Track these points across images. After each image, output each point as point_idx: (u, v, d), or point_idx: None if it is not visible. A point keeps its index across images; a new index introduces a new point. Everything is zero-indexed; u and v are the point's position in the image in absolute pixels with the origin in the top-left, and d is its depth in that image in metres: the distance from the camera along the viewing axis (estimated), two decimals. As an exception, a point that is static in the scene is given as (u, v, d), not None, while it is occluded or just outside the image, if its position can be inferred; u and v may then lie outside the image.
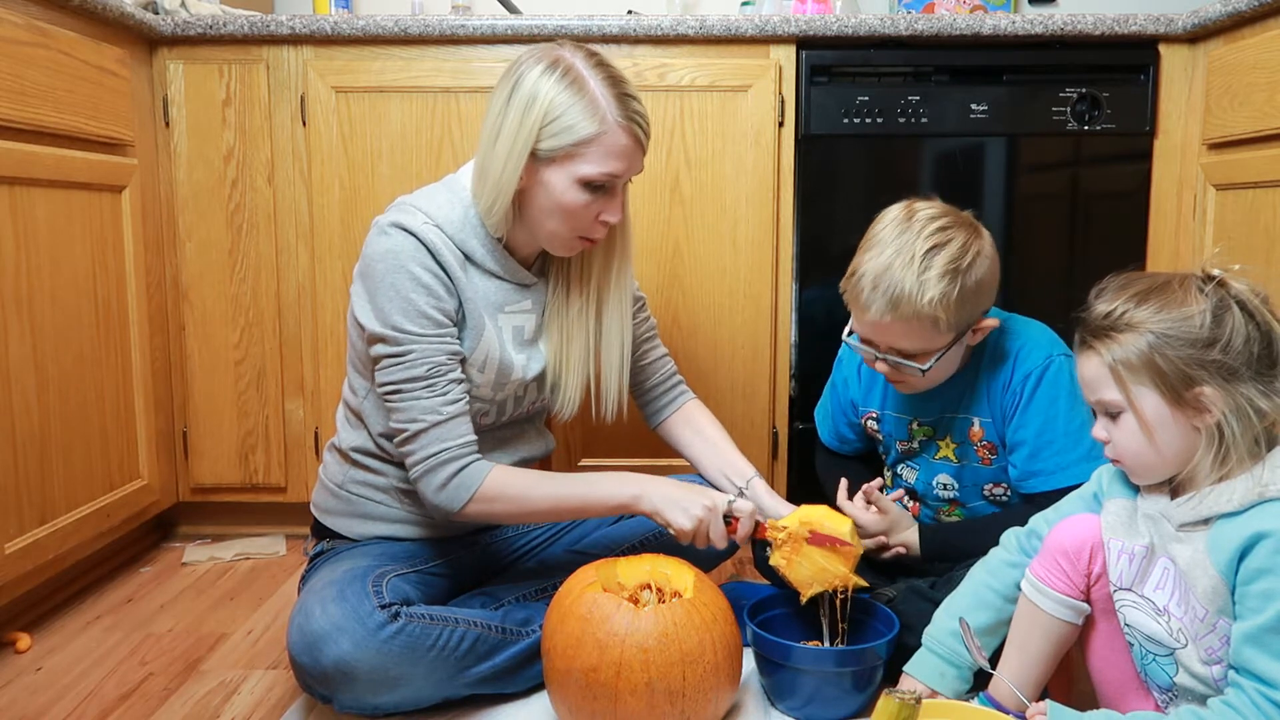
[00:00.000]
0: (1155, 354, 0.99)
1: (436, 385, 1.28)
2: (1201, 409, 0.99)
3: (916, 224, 1.29)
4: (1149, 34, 1.86)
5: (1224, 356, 0.97)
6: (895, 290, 1.26)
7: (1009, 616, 1.16)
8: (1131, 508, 1.09)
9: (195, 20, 1.87)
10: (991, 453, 1.40)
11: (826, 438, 1.63)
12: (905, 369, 1.33)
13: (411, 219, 1.29)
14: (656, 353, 1.55)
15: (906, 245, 1.27)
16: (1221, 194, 1.74)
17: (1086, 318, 1.06)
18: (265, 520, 2.07)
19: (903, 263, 1.26)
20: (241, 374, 1.96)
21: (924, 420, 1.44)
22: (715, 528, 1.29)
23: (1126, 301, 1.03)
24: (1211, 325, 0.98)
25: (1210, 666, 1.00)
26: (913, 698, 1.01)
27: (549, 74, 1.26)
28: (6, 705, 1.34)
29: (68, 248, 1.62)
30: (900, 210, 1.33)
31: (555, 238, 1.34)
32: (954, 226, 1.29)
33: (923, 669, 1.21)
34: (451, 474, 1.27)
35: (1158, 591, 1.04)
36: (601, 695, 1.14)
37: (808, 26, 1.86)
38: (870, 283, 1.28)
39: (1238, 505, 0.97)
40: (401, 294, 1.27)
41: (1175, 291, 1.01)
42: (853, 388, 1.54)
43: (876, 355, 1.34)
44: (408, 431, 1.28)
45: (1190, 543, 1.01)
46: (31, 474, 1.53)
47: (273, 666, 1.46)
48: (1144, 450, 1.03)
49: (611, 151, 1.27)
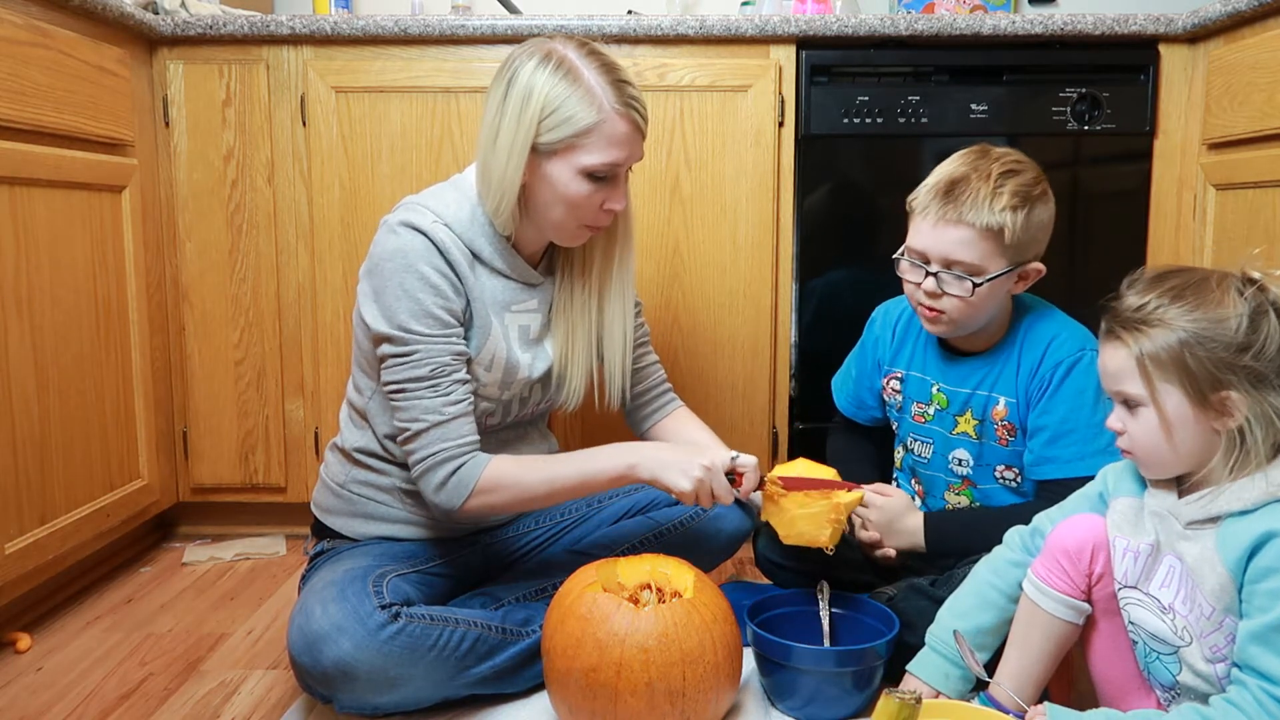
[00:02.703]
0: (1186, 353, 0.97)
1: (440, 385, 1.27)
2: (1225, 412, 0.98)
3: (994, 153, 1.35)
4: (1149, 34, 1.86)
5: (1255, 363, 0.96)
6: (969, 195, 1.30)
7: (1012, 615, 1.16)
8: (1138, 505, 1.09)
9: (195, 20, 1.87)
10: (1010, 434, 1.40)
11: (844, 405, 1.62)
12: (953, 286, 1.32)
13: (421, 218, 1.29)
14: (648, 359, 1.55)
15: (984, 166, 1.32)
16: (1221, 194, 1.74)
17: (1117, 307, 1.04)
18: (265, 520, 2.07)
19: (979, 176, 1.31)
20: (241, 374, 1.96)
21: (945, 387, 1.44)
22: (718, 484, 1.27)
23: (1161, 296, 1.00)
24: (1248, 330, 0.96)
25: (1214, 665, 1.00)
26: (913, 698, 1.01)
27: (543, 67, 1.26)
28: (6, 705, 1.34)
29: (68, 248, 1.62)
30: (976, 146, 1.39)
31: (562, 229, 1.34)
32: (1028, 163, 1.36)
33: (926, 669, 1.21)
34: (450, 472, 1.27)
35: (1163, 589, 1.04)
36: (601, 695, 1.14)
37: (808, 26, 1.86)
38: (945, 186, 1.32)
39: (1249, 504, 0.97)
40: (409, 294, 1.27)
41: (1213, 291, 0.99)
42: (882, 346, 1.54)
43: (927, 270, 1.34)
44: (410, 430, 1.28)
45: (1198, 540, 1.00)
46: (31, 474, 1.53)
47: (273, 666, 1.46)
48: (1159, 446, 1.02)
49: (612, 139, 1.28)
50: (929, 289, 1.34)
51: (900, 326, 1.53)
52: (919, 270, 1.36)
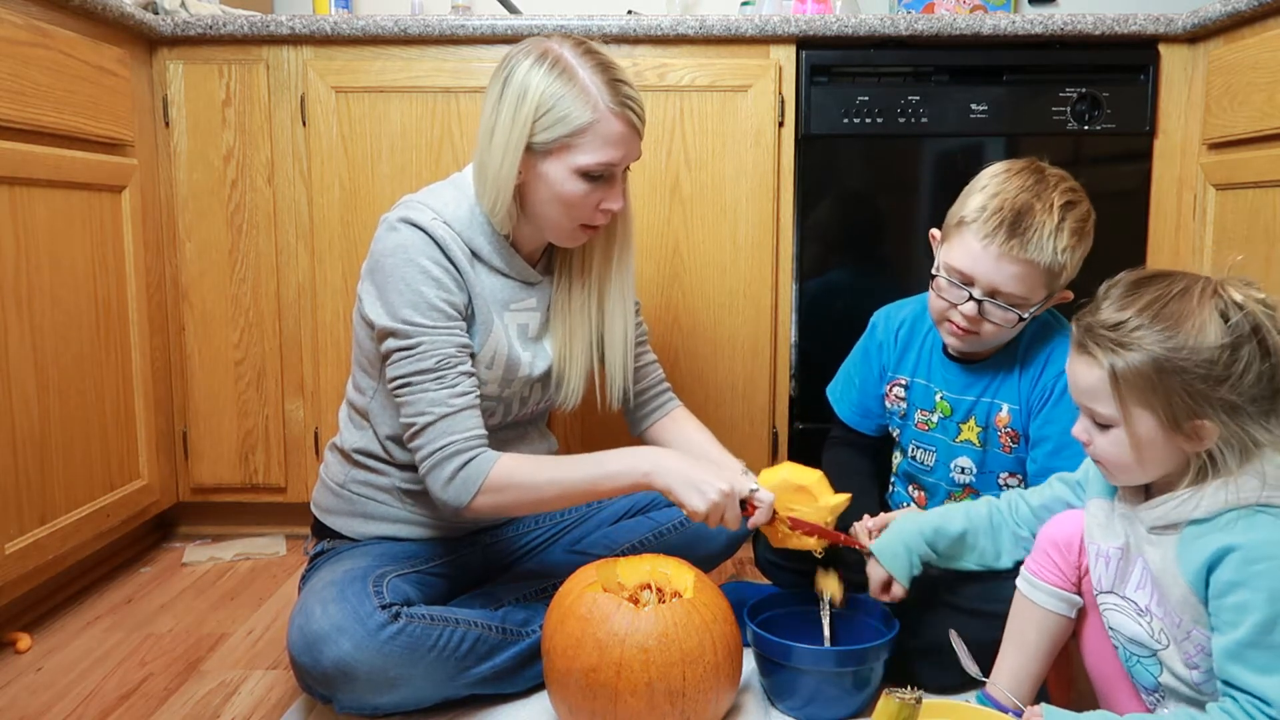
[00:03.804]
0: (1161, 379, 0.94)
1: (446, 378, 1.26)
2: (1197, 438, 0.96)
3: (1051, 179, 1.31)
4: (1149, 34, 1.86)
5: (1232, 394, 0.93)
6: (1034, 231, 1.26)
7: (975, 542, 1.26)
8: (1109, 507, 1.08)
9: (195, 20, 1.87)
10: (1014, 441, 1.40)
11: (848, 414, 1.59)
12: (995, 314, 1.31)
13: (420, 215, 1.29)
14: (646, 358, 1.54)
15: (1045, 194, 1.29)
16: (1221, 194, 1.74)
17: (1092, 321, 0.99)
18: (265, 520, 2.07)
19: (1043, 207, 1.27)
20: (241, 374, 1.96)
21: (949, 395, 1.44)
22: (731, 512, 1.25)
23: (1140, 314, 0.96)
24: (1227, 361, 0.92)
25: (1191, 670, 1.00)
26: (913, 698, 1.01)
27: (538, 66, 1.26)
28: (6, 705, 1.34)
29: (68, 248, 1.62)
30: (1025, 163, 1.34)
31: (559, 229, 1.34)
32: (1082, 193, 1.33)
33: (882, 547, 1.29)
34: (459, 466, 1.24)
35: (1139, 591, 1.03)
36: (601, 695, 1.14)
37: (808, 26, 1.86)
38: (1010, 216, 1.27)
39: (1205, 513, 0.95)
40: (411, 287, 1.26)
41: (1193, 313, 0.94)
42: (886, 352, 1.53)
43: (971, 295, 1.31)
44: (416, 425, 1.26)
45: (1161, 546, 1.00)
46: (31, 474, 1.53)
47: (273, 666, 1.46)
48: (1126, 463, 1.00)
49: (607, 139, 1.27)
50: (969, 313, 1.32)
51: (903, 332, 1.51)
52: (960, 292, 1.32)
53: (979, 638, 1.22)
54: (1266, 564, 0.91)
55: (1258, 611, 0.91)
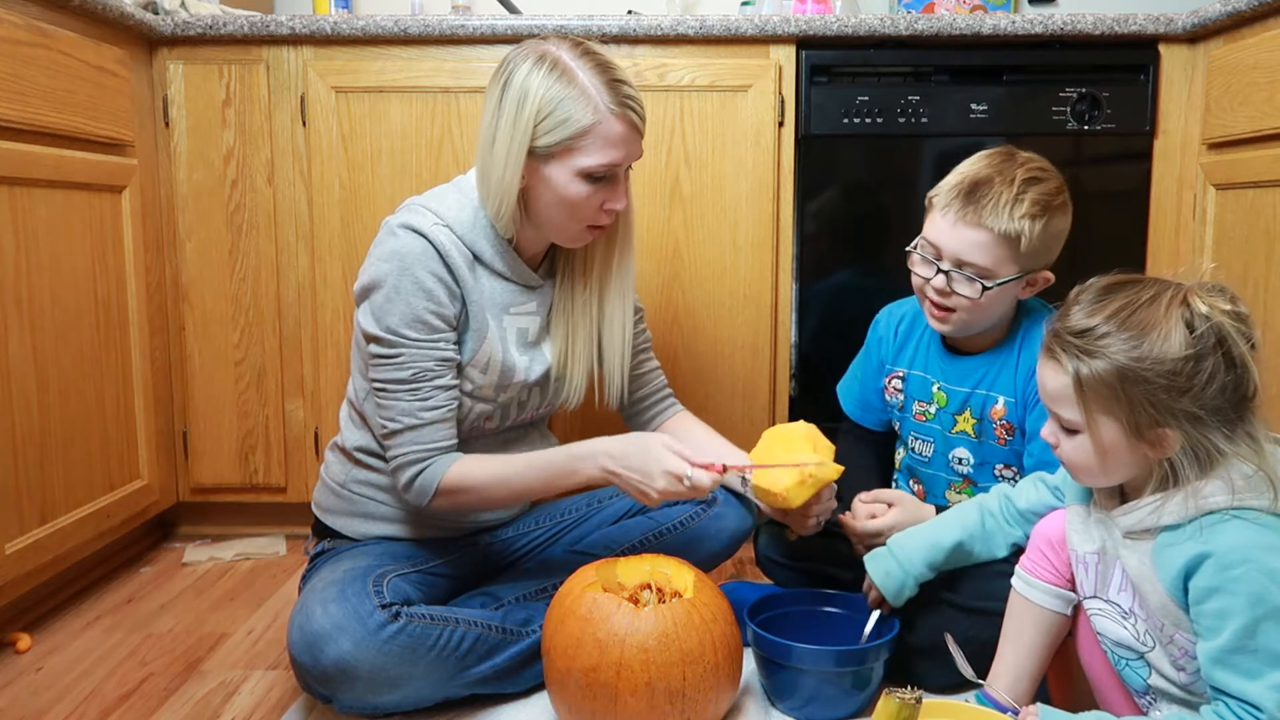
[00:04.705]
0: (1124, 388, 0.95)
1: (420, 390, 1.29)
2: (1159, 446, 0.96)
3: (1020, 158, 1.35)
4: (1149, 34, 1.86)
5: (1194, 405, 0.93)
6: (990, 199, 1.30)
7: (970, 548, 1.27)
8: (1085, 512, 1.09)
9: (195, 20, 1.87)
10: (1009, 433, 1.40)
11: (851, 409, 1.63)
12: (963, 286, 1.33)
13: (422, 220, 1.29)
14: (649, 364, 1.55)
15: (1008, 170, 1.33)
16: (1221, 194, 1.74)
17: (1060, 327, 1.00)
18: (265, 520, 2.07)
19: (1003, 180, 1.31)
20: (241, 374, 1.96)
21: (945, 386, 1.45)
22: (698, 481, 1.22)
23: (1107, 322, 0.97)
24: (1190, 372, 0.93)
25: (1179, 672, 1.00)
26: (913, 698, 1.01)
27: (537, 69, 1.26)
28: (7, 705, 1.34)
29: (68, 248, 1.62)
30: (1002, 148, 1.40)
31: (563, 231, 1.34)
32: (1052, 172, 1.36)
33: (874, 562, 1.30)
34: (415, 475, 1.30)
35: (1121, 594, 1.04)
36: (601, 695, 1.14)
37: (808, 26, 1.86)
38: (968, 187, 1.32)
39: (1175, 519, 0.96)
40: (402, 297, 1.27)
41: (1159, 322, 0.94)
42: (885, 346, 1.55)
43: (939, 267, 1.34)
44: (386, 429, 1.31)
45: (1136, 551, 1.00)
46: (31, 474, 1.53)
47: (273, 666, 1.46)
48: (1091, 466, 1.01)
49: (609, 140, 1.27)
50: (938, 285, 1.35)
51: (904, 327, 1.53)
52: (930, 265, 1.36)
53: (980, 636, 1.22)
54: (1243, 568, 0.91)
55: (1239, 616, 0.91)
